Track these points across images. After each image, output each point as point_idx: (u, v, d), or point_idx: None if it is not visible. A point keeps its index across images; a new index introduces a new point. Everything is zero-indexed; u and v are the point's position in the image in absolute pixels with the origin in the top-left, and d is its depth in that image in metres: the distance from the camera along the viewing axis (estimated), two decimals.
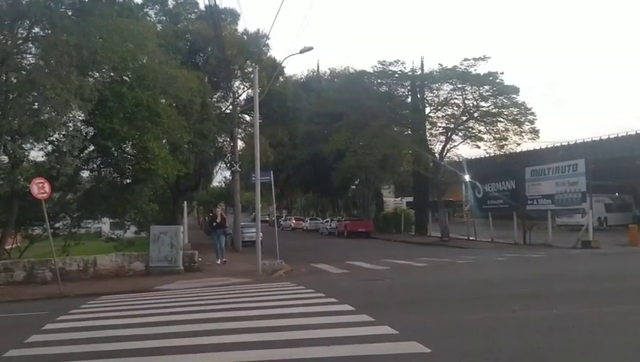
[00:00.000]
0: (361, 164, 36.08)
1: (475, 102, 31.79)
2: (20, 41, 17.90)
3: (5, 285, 16.04)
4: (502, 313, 8.20)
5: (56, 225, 22.72)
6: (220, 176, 45.03)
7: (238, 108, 32.32)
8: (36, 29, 17.90)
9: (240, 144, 33.52)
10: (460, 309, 8.69)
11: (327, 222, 48.97)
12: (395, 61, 32.93)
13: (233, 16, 34.51)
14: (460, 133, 33.03)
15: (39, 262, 16.95)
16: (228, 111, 32.79)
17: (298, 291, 11.90)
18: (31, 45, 18.44)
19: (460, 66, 30.63)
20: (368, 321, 7.72)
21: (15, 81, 17.94)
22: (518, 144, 31.46)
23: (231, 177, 33.70)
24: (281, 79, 34.78)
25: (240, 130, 33.72)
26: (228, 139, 33.67)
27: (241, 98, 34.28)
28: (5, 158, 19.05)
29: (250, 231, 29.54)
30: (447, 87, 32.32)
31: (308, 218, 59.79)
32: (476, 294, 10.49)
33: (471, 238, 29.58)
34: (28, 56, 18.69)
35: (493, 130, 31.46)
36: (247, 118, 35.01)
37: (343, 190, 51.39)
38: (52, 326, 8.90)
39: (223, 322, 8.35)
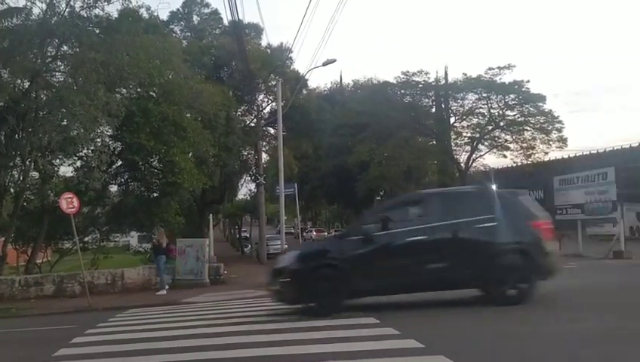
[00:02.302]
0: (385, 175, 35.90)
1: (500, 111, 31.47)
2: (49, 60, 18.39)
3: (35, 298, 16.35)
4: (530, 326, 7.99)
5: (86, 239, 23.16)
6: (245, 188, 45.28)
7: (262, 121, 32.58)
8: (65, 47, 18.38)
9: (264, 157, 33.77)
10: (489, 321, 8.51)
11: None
12: (418, 71, 32.90)
13: (257, 30, 34.96)
14: (486, 143, 32.71)
15: (68, 275, 17.25)
16: (252, 124, 33.06)
17: None
18: (60, 63, 18.92)
19: (484, 75, 30.44)
20: (394, 334, 7.59)
21: (45, 98, 18.42)
22: (546, 153, 31.06)
23: (256, 190, 33.86)
24: (304, 92, 34.98)
25: (264, 143, 33.97)
26: (252, 152, 33.89)
27: (265, 111, 34.57)
28: (36, 174, 19.56)
29: (276, 243, 29.62)
30: (471, 96, 32.13)
31: (332, 229, 59.73)
32: (503, 306, 10.22)
33: None
34: (57, 73, 19.18)
35: (519, 139, 31.11)
36: (272, 130, 35.24)
37: (367, 201, 51.08)
38: (80, 340, 8.99)
39: (250, 335, 8.32)
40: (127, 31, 18.42)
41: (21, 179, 19.19)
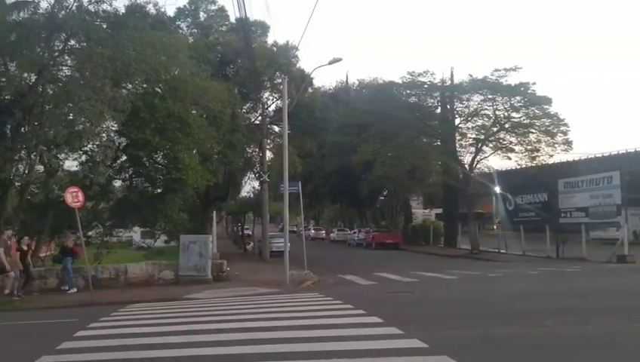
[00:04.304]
0: (389, 175, 35.82)
1: (506, 113, 31.33)
2: (57, 54, 18.40)
3: (39, 292, 16.39)
4: (535, 328, 7.98)
5: (89, 233, 23.18)
6: (249, 186, 45.37)
7: (267, 119, 32.58)
8: (72, 42, 18.38)
9: (269, 154, 33.70)
10: (492, 323, 8.50)
11: (354, 233, 48.82)
12: (424, 72, 32.72)
13: (263, 28, 34.90)
14: (491, 144, 32.56)
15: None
16: (257, 122, 33.08)
17: (326, 302, 11.84)
18: (67, 57, 18.92)
19: (490, 77, 30.29)
20: (397, 334, 7.62)
21: (51, 92, 18.44)
22: (551, 155, 30.92)
23: (259, 187, 33.91)
24: (309, 90, 34.94)
25: (269, 141, 33.94)
26: (257, 150, 33.93)
27: (270, 109, 34.54)
28: (41, 168, 19.59)
29: (278, 241, 29.67)
30: (477, 97, 31.97)
31: (335, 229, 59.93)
32: (508, 308, 10.25)
33: (502, 251, 29.04)
34: (64, 68, 19.17)
35: (524, 141, 30.97)
36: (276, 128, 35.22)
37: (371, 201, 51.15)
38: (83, 334, 9.02)
39: (251, 332, 8.34)
40: (134, 26, 18.42)
41: (26, 172, 19.20)
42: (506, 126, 31.43)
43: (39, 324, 11.13)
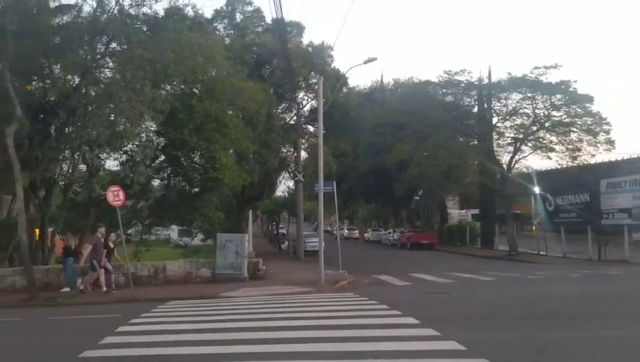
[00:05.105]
0: (424, 175, 35.45)
1: (546, 112, 30.58)
2: (99, 56, 18.96)
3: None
4: (577, 331, 7.79)
5: (129, 231, 23.73)
6: (284, 185, 45.71)
7: (302, 119, 32.74)
8: (113, 45, 18.91)
9: (303, 154, 33.88)
10: (532, 326, 8.34)
11: (389, 233, 48.55)
12: (461, 70, 32.24)
13: (298, 28, 35.08)
14: (530, 144, 31.81)
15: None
16: (292, 122, 33.27)
17: (361, 302, 11.82)
18: (108, 60, 19.48)
19: (530, 75, 29.62)
20: (434, 336, 7.55)
21: (94, 94, 19.02)
22: (593, 155, 29.97)
23: (294, 187, 34.09)
24: (344, 90, 34.94)
25: (303, 141, 34.11)
26: (292, 150, 34.13)
27: (305, 109, 34.71)
28: (83, 167, 20.19)
29: (313, 240, 29.78)
30: (516, 96, 31.28)
31: (370, 229, 59.74)
32: (548, 311, 10.03)
33: (541, 253, 28.38)
34: (105, 70, 19.76)
35: (565, 140, 30.14)
36: (311, 128, 35.37)
37: (405, 201, 50.76)
38: (125, 329, 9.26)
39: (286, 331, 8.41)
40: (173, 29, 18.82)
41: (70, 172, 19.87)
42: (546, 125, 30.68)
43: (82, 319, 11.47)
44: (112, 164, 21.92)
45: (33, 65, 18.06)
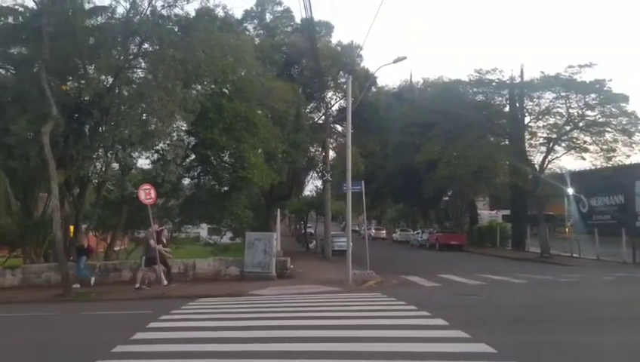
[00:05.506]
0: (454, 175, 35.00)
1: (580, 111, 29.91)
2: (132, 57, 19.31)
3: (114, 284, 17.21)
4: (609, 337, 7.59)
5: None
6: (312, 185, 45.77)
7: (331, 118, 32.73)
8: (146, 45, 19.24)
9: (331, 154, 33.84)
10: (564, 330, 8.16)
11: (418, 233, 48.16)
12: (492, 69, 31.76)
13: (327, 28, 35.09)
14: (563, 144, 31.15)
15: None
16: (320, 121, 33.28)
17: (389, 302, 11.76)
18: (141, 60, 19.82)
19: (563, 74, 29.01)
20: (464, 338, 7.44)
21: (126, 93, 19.36)
22: (628, 156, 29.17)
23: (322, 186, 34.09)
24: (373, 89, 34.79)
25: (332, 140, 34.12)
26: (320, 149, 34.14)
27: (334, 108, 34.70)
28: (116, 166, 20.60)
29: (340, 240, 29.74)
30: (549, 95, 30.65)
31: (398, 229, 59.38)
32: (581, 315, 9.80)
33: (574, 255, 27.76)
34: (138, 70, 20.11)
35: (599, 140, 29.42)
36: (339, 128, 35.33)
37: (434, 201, 50.24)
38: (155, 325, 9.40)
39: (314, 330, 8.41)
40: (203, 29, 19.05)
41: (103, 170, 20.31)
42: (580, 125, 30.01)
43: (115, 315, 11.69)
44: (143, 162, 22.34)
45: (68, 65, 18.50)
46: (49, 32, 16.12)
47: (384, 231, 62.79)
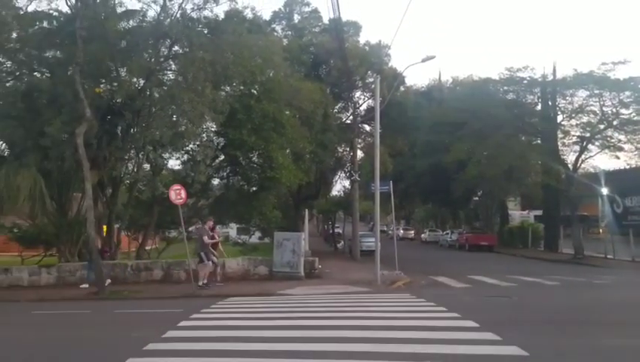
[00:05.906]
0: (484, 175, 34.49)
1: (614, 110, 29.15)
2: (162, 59, 19.63)
3: (145, 283, 17.52)
4: None
5: (190, 228, 24.43)
6: (340, 185, 45.78)
7: (359, 118, 32.63)
8: (176, 47, 19.55)
9: (359, 154, 33.75)
10: (598, 334, 7.96)
11: (447, 234, 47.66)
12: (523, 67, 31.17)
13: (355, 28, 35.04)
14: (597, 143, 30.38)
15: (175, 262, 18.29)
16: (348, 121, 33.25)
17: (418, 303, 11.68)
18: (171, 62, 20.15)
19: (597, 71, 28.31)
20: (495, 340, 7.34)
21: (157, 95, 19.69)
22: None
23: (350, 186, 34.05)
24: (401, 89, 34.57)
25: (360, 140, 34.00)
26: (348, 149, 34.10)
27: (362, 108, 34.58)
28: (147, 166, 20.97)
29: (369, 240, 29.65)
30: (582, 93, 29.92)
31: (427, 229, 58.91)
32: (616, 318, 9.55)
33: (608, 257, 27.07)
34: (168, 72, 20.45)
35: (634, 139, 28.62)
36: (367, 128, 35.22)
37: (464, 201, 49.64)
38: (186, 324, 9.54)
39: (344, 330, 8.41)
40: (232, 31, 19.24)
41: (135, 170, 20.71)
42: (614, 123, 29.24)
43: (146, 313, 11.91)
44: (174, 163, 22.72)
45: (101, 68, 18.89)
46: (82, 35, 16.49)
47: (412, 232, 62.40)
